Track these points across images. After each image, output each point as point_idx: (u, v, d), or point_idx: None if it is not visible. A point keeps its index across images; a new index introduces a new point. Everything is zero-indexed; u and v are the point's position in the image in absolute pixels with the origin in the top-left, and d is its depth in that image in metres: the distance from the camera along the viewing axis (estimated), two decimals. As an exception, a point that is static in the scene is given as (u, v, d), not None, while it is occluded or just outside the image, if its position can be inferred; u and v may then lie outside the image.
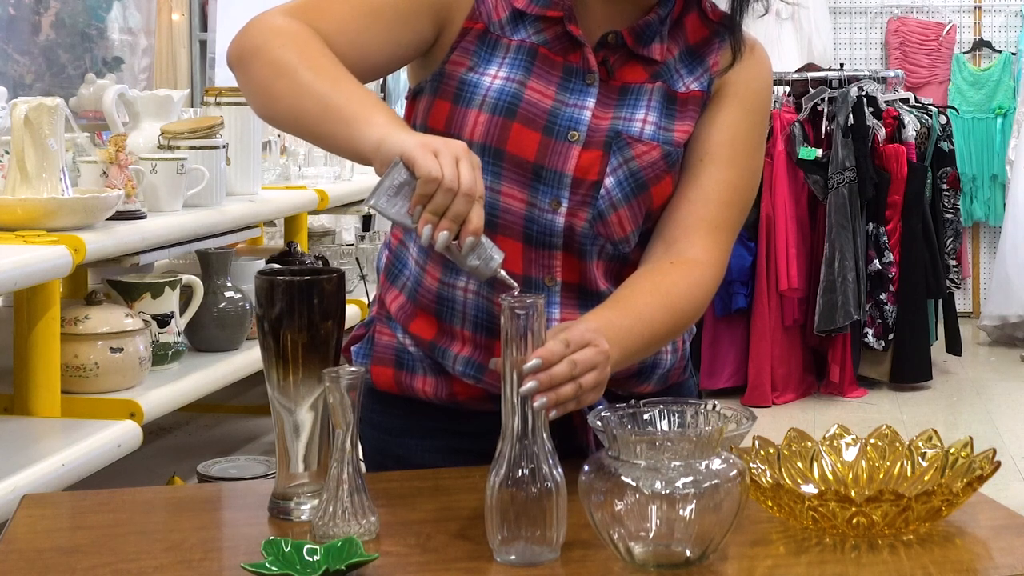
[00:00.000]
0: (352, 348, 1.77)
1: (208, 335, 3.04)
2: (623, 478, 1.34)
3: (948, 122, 6.54)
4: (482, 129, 1.62)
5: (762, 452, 1.58)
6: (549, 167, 1.63)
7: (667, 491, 1.32)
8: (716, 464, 1.35)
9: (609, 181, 1.64)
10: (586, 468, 1.37)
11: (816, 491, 1.47)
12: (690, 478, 1.33)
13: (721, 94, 1.72)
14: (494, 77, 1.64)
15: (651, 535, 1.34)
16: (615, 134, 1.65)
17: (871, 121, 6.10)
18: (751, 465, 1.53)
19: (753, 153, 1.74)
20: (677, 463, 1.34)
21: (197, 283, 2.96)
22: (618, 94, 1.67)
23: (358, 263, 3.67)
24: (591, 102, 1.65)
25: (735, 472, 1.34)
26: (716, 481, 1.33)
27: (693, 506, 1.33)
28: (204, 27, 5.86)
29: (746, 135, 1.73)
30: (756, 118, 1.75)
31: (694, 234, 1.68)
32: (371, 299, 1.82)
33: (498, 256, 1.45)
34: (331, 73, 1.53)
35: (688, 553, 1.35)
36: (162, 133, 3.01)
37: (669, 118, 1.68)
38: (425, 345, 1.70)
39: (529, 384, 1.39)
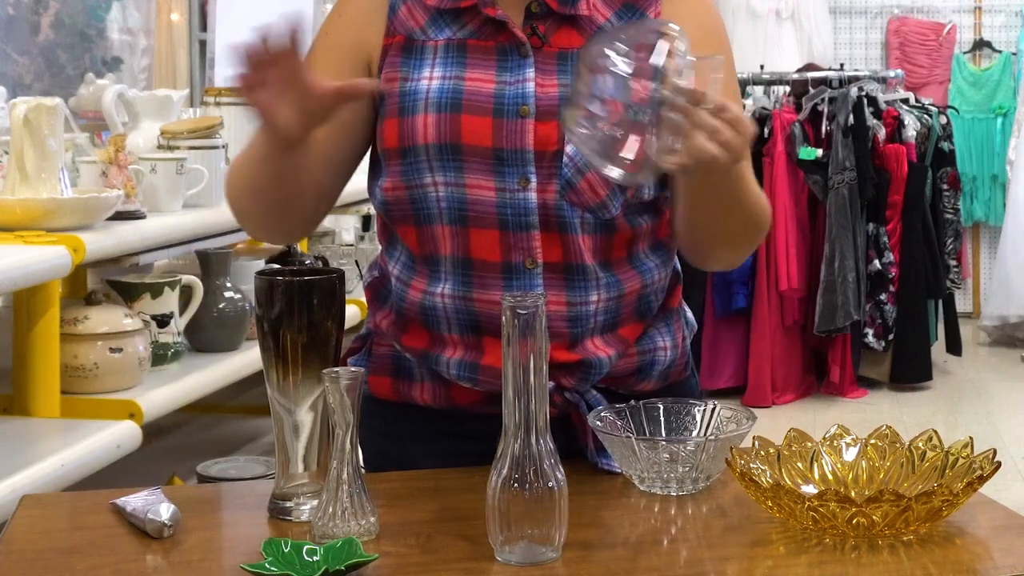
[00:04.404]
0: (349, 360, 1.77)
1: (208, 335, 3.04)
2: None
3: (948, 122, 6.54)
4: (432, 130, 1.63)
5: (762, 452, 1.58)
6: (508, 147, 1.62)
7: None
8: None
9: (570, 148, 1.63)
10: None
11: (816, 491, 1.47)
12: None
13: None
14: (430, 79, 1.65)
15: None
16: (566, 101, 1.63)
17: (871, 121, 6.10)
18: (751, 465, 1.53)
19: (722, 34, 1.74)
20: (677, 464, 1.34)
21: (197, 283, 2.95)
22: (557, 60, 1.66)
23: (357, 265, 3.67)
24: (531, 72, 1.64)
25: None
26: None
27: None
28: (204, 27, 5.85)
29: (710, 21, 1.72)
30: (711, 21, 1.73)
31: None
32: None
33: None
34: (245, 155, 1.68)
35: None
36: (162, 133, 3.01)
37: None
38: (419, 354, 1.71)
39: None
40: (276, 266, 1.55)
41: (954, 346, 6.50)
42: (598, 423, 1.61)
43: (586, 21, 1.67)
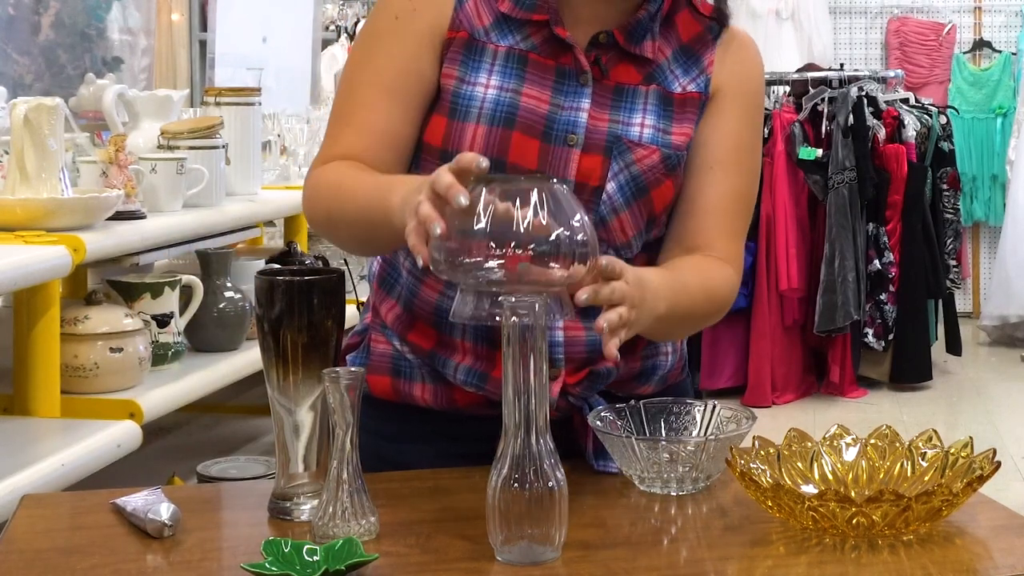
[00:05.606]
0: (347, 357, 1.76)
1: (208, 335, 3.04)
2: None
3: (948, 122, 6.54)
4: (481, 141, 1.61)
5: (762, 452, 1.58)
6: (551, 174, 1.61)
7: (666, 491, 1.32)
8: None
9: (611, 186, 1.63)
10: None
11: (816, 491, 1.47)
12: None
13: (721, 97, 1.70)
14: (487, 87, 1.63)
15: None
16: (615, 138, 1.64)
17: (871, 121, 6.10)
18: (751, 465, 1.53)
19: (756, 155, 1.75)
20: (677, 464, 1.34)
21: (197, 283, 2.95)
22: (613, 94, 1.66)
23: (345, 263, 3.66)
24: (586, 103, 1.64)
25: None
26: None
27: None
28: (204, 27, 5.86)
29: (749, 138, 1.73)
30: (756, 119, 1.75)
31: (715, 243, 1.68)
32: (359, 305, 1.81)
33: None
34: (353, 187, 1.58)
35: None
36: (162, 133, 3.01)
37: (667, 120, 1.67)
38: (424, 353, 1.70)
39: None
40: (276, 266, 1.55)
41: (954, 346, 6.50)
42: (598, 423, 1.61)
43: (645, 61, 1.67)
